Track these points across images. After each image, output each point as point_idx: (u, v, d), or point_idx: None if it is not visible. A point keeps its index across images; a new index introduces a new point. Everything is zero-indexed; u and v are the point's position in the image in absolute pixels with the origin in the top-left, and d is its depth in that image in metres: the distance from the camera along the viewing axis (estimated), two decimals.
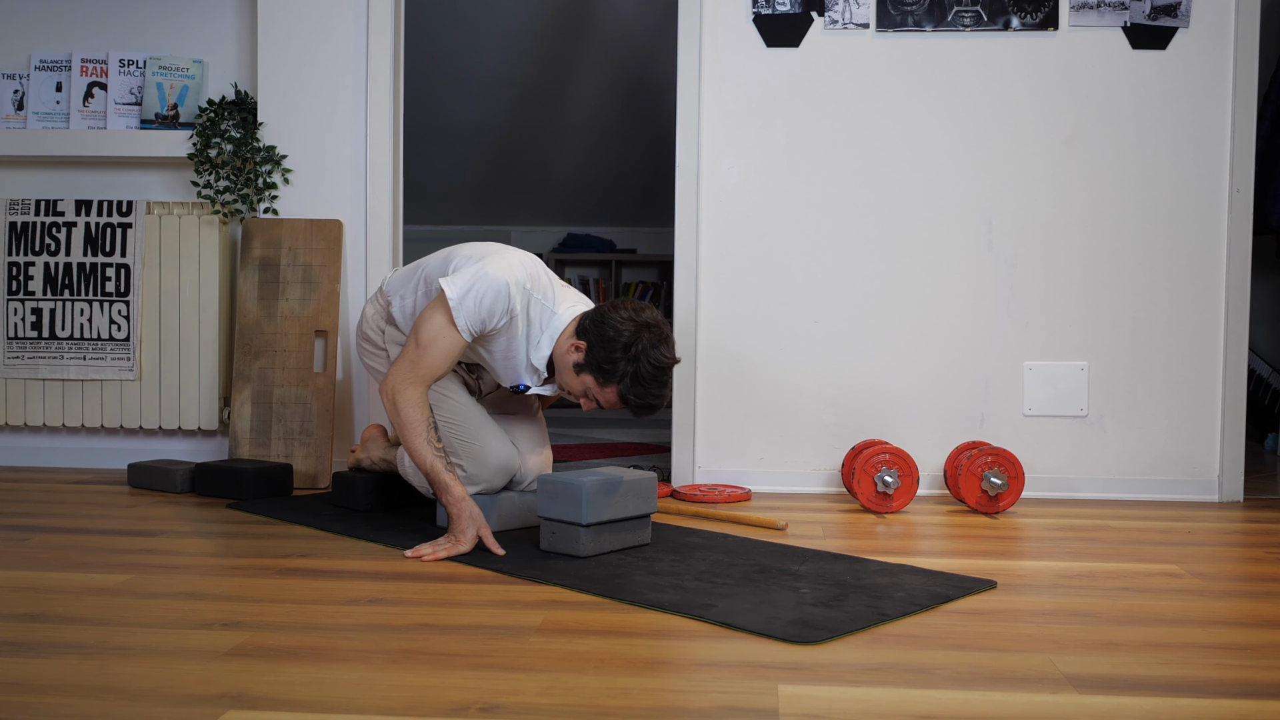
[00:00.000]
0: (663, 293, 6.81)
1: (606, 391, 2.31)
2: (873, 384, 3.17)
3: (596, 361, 2.29)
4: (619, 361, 2.26)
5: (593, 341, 2.30)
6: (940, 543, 2.48)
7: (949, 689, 1.46)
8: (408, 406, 2.32)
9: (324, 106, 3.29)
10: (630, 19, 5.49)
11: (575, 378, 2.35)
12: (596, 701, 1.40)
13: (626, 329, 2.27)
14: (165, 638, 1.65)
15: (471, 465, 2.45)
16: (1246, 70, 3.05)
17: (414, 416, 2.32)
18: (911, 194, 3.15)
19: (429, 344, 2.32)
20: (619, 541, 2.29)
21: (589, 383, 2.33)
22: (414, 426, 2.32)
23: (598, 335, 2.29)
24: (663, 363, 2.27)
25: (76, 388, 3.37)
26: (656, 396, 2.29)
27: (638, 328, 2.27)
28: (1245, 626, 1.80)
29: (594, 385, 2.32)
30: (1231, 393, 3.08)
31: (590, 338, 2.31)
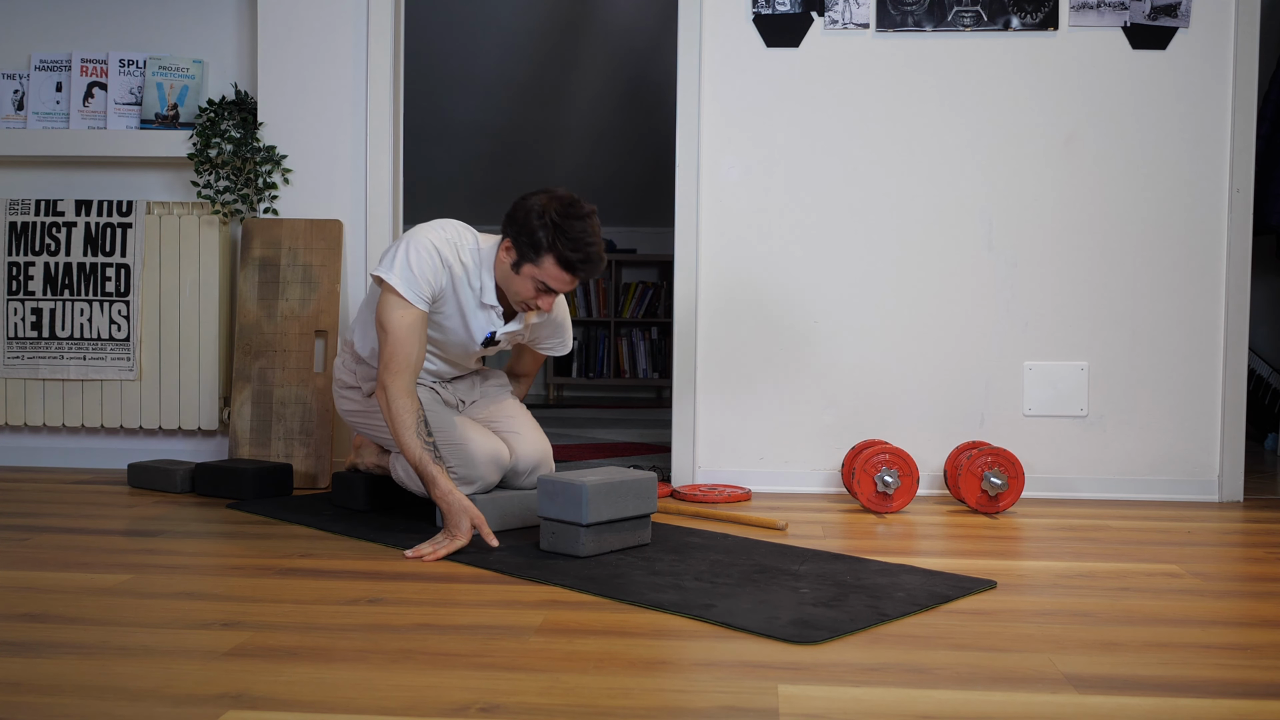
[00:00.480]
0: (662, 293, 6.81)
1: (547, 267, 2.35)
2: (873, 384, 3.17)
3: (524, 241, 2.36)
4: (539, 230, 2.33)
5: (514, 231, 2.38)
6: (940, 543, 2.48)
7: (949, 689, 1.46)
8: (395, 399, 2.36)
9: (324, 106, 3.29)
10: (630, 19, 5.49)
11: (519, 277, 2.40)
12: (596, 701, 1.40)
13: (535, 202, 2.36)
14: (165, 638, 1.65)
15: (461, 466, 2.46)
16: (1246, 70, 3.05)
17: (402, 408, 2.35)
18: (911, 194, 3.15)
19: (392, 328, 2.36)
20: (619, 541, 2.29)
21: (531, 272, 2.38)
22: (402, 420, 2.35)
23: (514, 223, 2.37)
24: (580, 212, 2.35)
25: (76, 388, 3.37)
26: (590, 244, 2.34)
27: (546, 198, 2.36)
28: (1245, 626, 1.80)
29: (536, 271, 2.37)
30: (1231, 393, 3.09)
31: (511, 230, 2.38)
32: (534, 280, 2.38)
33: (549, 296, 2.42)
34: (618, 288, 6.82)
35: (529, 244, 2.35)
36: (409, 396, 2.35)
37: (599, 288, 6.85)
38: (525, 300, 2.44)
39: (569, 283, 2.39)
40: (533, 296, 2.41)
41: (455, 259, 2.43)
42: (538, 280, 2.38)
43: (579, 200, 2.39)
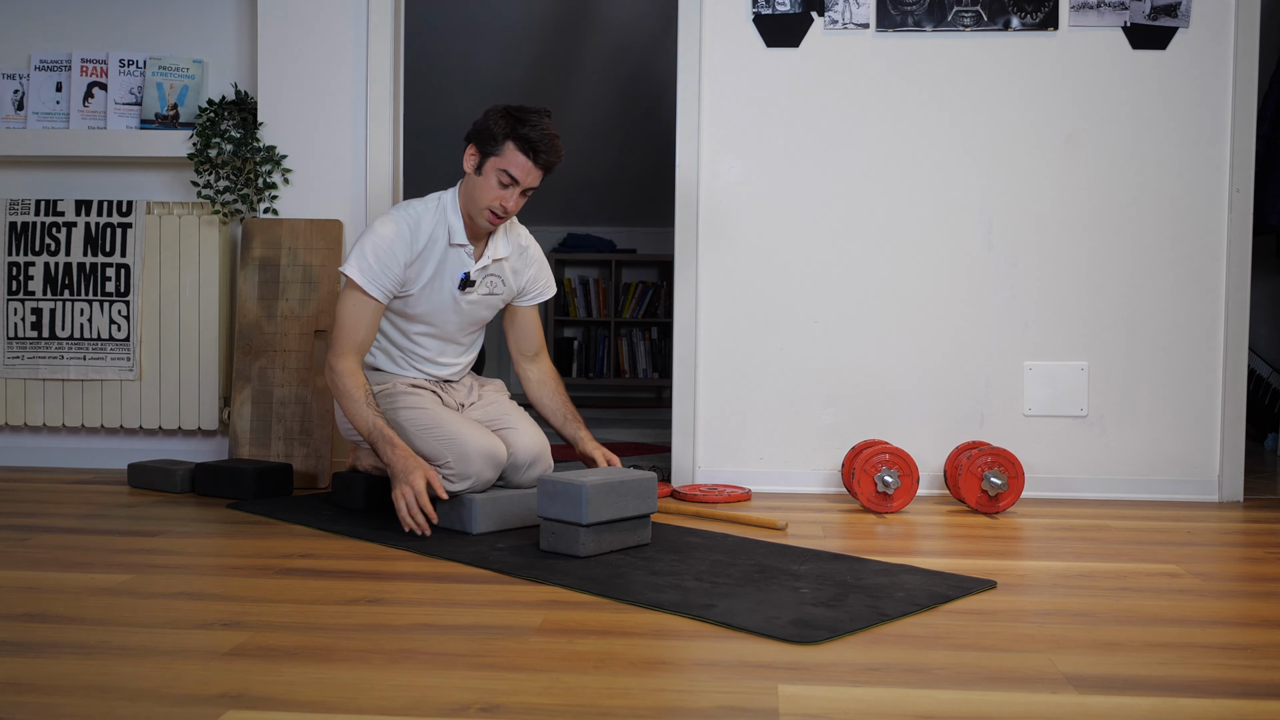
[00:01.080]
0: (663, 293, 6.81)
1: (508, 154, 2.48)
2: (873, 384, 3.17)
3: (482, 140, 2.51)
4: (495, 124, 2.48)
5: (474, 135, 2.53)
6: (940, 543, 2.48)
7: (949, 689, 1.46)
8: (342, 377, 2.50)
9: (324, 106, 3.29)
10: (630, 19, 5.49)
11: (483, 179, 2.52)
12: (596, 701, 1.40)
13: (491, 109, 2.53)
14: (165, 638, 1.65)
15: (457, 462, 2.47)
16: (1246, 70, 3.05)
17: (348, 385, 2.48)
18: (911, 194, 3.15)
19: (343, 314, 2.55)
20: (619, 541, 2.29)
21: (494, 165, 2.50)
22: (350, 394, 2.48)
23: (474, 129, 2.53)
24: (532, 108, 2.50)
25: (76, 388, 3.37)
26: (545, 129, 2.48)
27: (500, 104, 2.53)
28: (1245, 626, 1.80)
29: (498, 162, 2.49)
30: (1231, 393, 3.08)
31: (472, 135, 2.54)
32: (497, 173, 2.50)
33: (513, 190, 2.52)
34: (618, 288, 6.82)
35: (489, 138, 2.49)
36: (355, 374, 2.50)
37: (599, 288, 6.85)
38: (489, 204, 2.53)
39: (531, 170, 2.50)
40: (498, 195, 2.52)
41: (415, 222, 2.58)
42: (500, 172, 2.49)
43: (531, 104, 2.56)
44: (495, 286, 2.70)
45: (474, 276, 2.63)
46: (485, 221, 2.57)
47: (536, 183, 2.53)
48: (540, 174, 2.53)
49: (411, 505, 2.38)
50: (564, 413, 2.79)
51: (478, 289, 2.66)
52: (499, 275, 2.70)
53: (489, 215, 2.55)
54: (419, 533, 2.38)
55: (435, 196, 2.65)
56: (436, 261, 2.60)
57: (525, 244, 2.78)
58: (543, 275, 2.82)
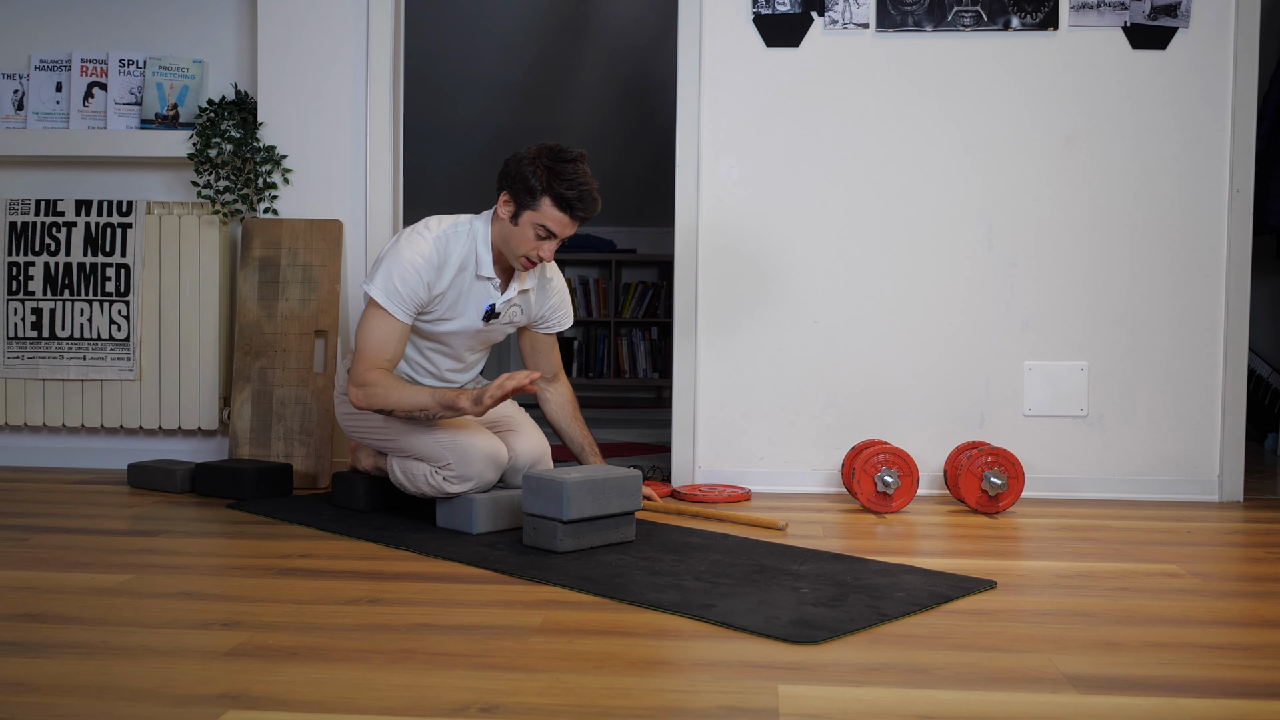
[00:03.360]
0: (663, 293, 6.81)
1: (545, 209, 2.41)
2: (873, 384, 3.17)
3: (519, 191, 2.42)
4: (532, 176, 2.40)
5: (509, 184, 2.44)
6: (940, 543, 2.48)
7: (949, 689, 1.46)
8: (375, 387, 2.43)
9: (324, 106, 3.29)
10: (630, 19, 5.49)
11: (518, 228, 2.45)
12: (596, 701, 1.40)
13: (525, 153, 2.45)
14: (165, 638, 1.65)
15: (459, 463, 2.46)
16: (1246, 70, 3.05)
17: (384, 381, 2.43)
18: (911, 194, 3.15)
19: (366, 334, 2.46)
20: (600, 538, 2.29)
21: (530, 219, 2.43)
22: (392, 390, 2.42)
23: (509, 176, 2.45)
24: (569, 155, 2.42)
25: (76, 388, 3.37)
26: (583, 184, 2.41)
27: (535, 149, 2.44)
28: (1245, 626, 1.80)
29: (535, 216, 2.42)
30: (1231, 393, 3.08)
31: (506, 183, 2.45)
32: (534, 227, 2.43)
33: (550, 243, 2.46)
34: (618, 288, 6.82)
35: (525, 191, 2.41)
36: (385, 376, 2.44)
37: (599, 288, 6.85)
38: (526, 253, 2.48)
39: (568, 224, 2.44)
40: (534, 246, 2.46)
41: (445, 249, 2.50)
42: (538, 226, 2.43)
43: (567, 147, 2.47)
44: (515, 316, 2.65)
45: (499, 309, 2.58)
46: (520, 267, 2.52)
47: (573, 231, 2.50)
48: (577, 225, 2.47)
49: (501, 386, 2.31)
50: (582, 444, 2.78)
51: (500, 319, 2.62)
52: (521, 305, 2.66)
53: (525, 263, 2.50)
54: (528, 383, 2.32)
55: (467, 221, 2.55)
56: (463, 290, 2.54)
57: (550, 275, 2.73)
58: (563, 306, 2.76)
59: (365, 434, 2.67)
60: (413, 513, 2.71)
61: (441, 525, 2.53)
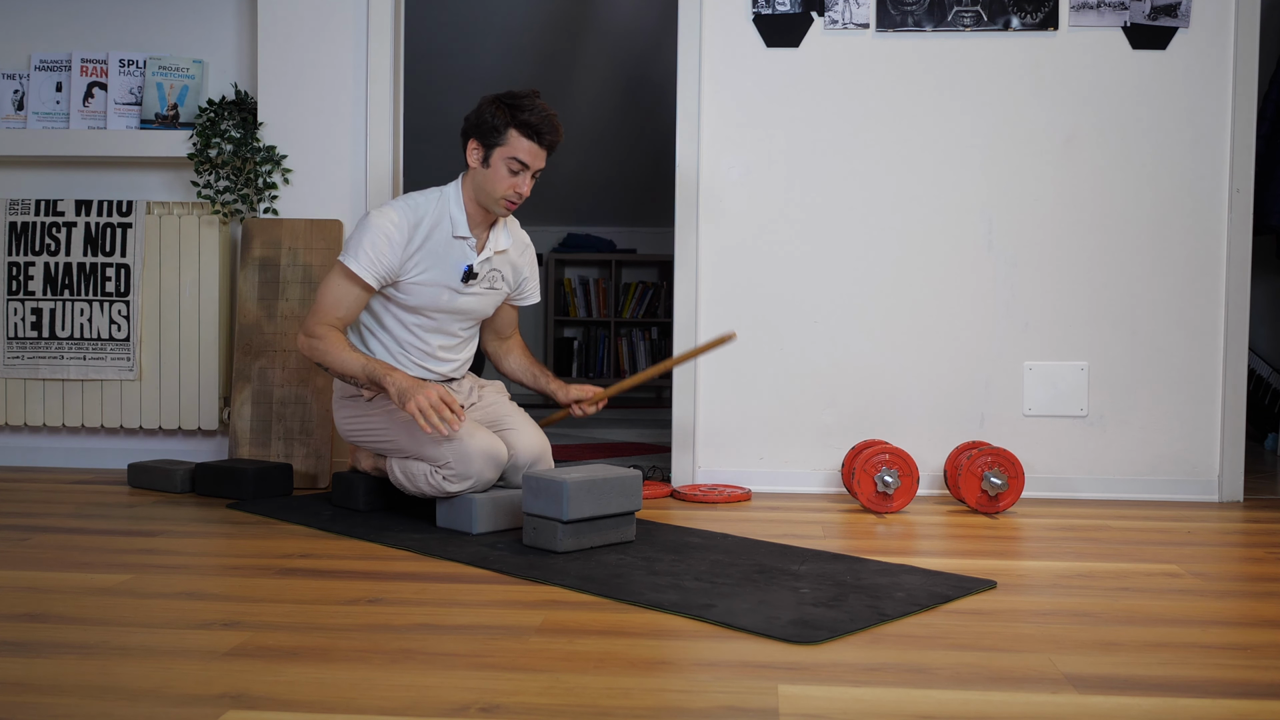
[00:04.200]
0: (663, 293, 6.81)
1: (513, 141, 2.52)
2: (873, 384, 3.17)
3: (484, 133, 2.54)
4: (493, 116, 2.53)
5: (474, 131, 2.56)
6: (940, 543, 2.48)
7: (949, 689, 1.46)
8: (317, 340, 2.54)
9: (324, 106, 3.29)
10: (630, 19, 5.49)
11: (491, 170, 2.57)
12: (596, 701, 1.40)
13: (480, 102, 2.58)
14: (165, 638, 1.65)
15: (457, 461, 2.46)
16: (1246, 70, 3.05)
17: (328, 338, 2.54)
18: (911, 194, 3.15)
19: (322, 293, 2.58)
20: (600, 539, 2.29)
21: (501, 155, 2.54)
22: (332, 345, 2.53)
23: (471, 125, 2.57)
24: (523, 91, 2.56)
25: (76, 388, 3.37)
26: (542, 110, 2.53)
27: (488, 95, 2.59)
28: (1245, 626, 1.80)
29: (505, 151, 2.53)
30: (1231, 393, 3.08)
31: (471, 132, 2.57)
32: (506, 162, 2.54)
33: (524, 177, 2.56)
34: (618, 288, 6.82)
35: (490, 130, 2.53)
36: (330, 333, 2.54)
37: (599, 288, 6.85)
38: (504, 194, 2.57)
39: (537, 153, 2.55)
40: (510, 184, 2.55)
41: (415, 213, 2.60)
42: (509, 160, 2.53)
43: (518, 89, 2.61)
44: (496, 281, 2.72)
45: (477, 269, 2.65)
46: (502, 210, 2.61)
47: (544, 163, 2.59)
48: (546, 154, 2.58)
49: (433, 406, 2.38)
50: (532, 371, 2.89)
51: (480, 282, 2.68)
52: (500, 270, 2.73)
53: (505, 204, 2.59)
54: (445, 430, 2.38)
55: (436, 190, 2.66)
56: (439, 254, 2.61)
57: (526, 242, 2.83)
58: (535, 279, 2.88)
59: (364, 438, 2.68)
60: (413, 513, 2.71)
61: (441, 525, 2.53)
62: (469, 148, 2.59)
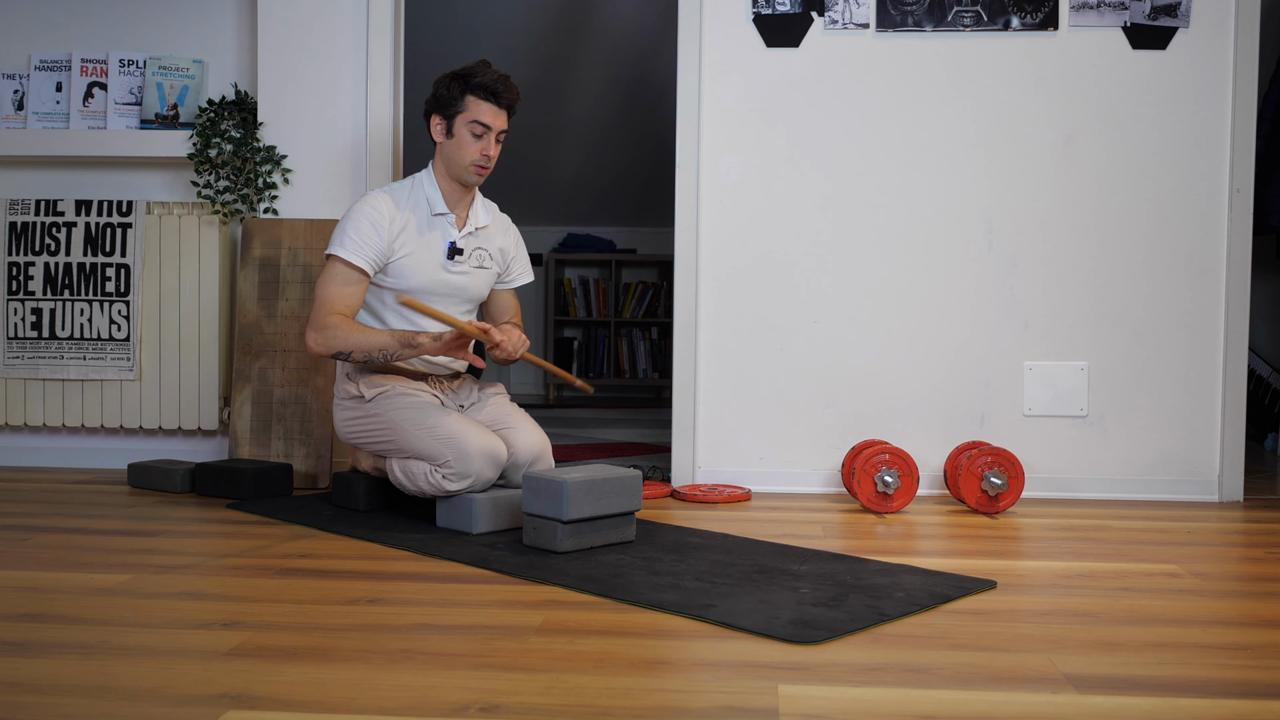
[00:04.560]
0: (663, 293, 6.81)
1: (471, 105, 2.61)
2: (873, 384, 3.17)
3: (442, 105, 2.63)
4: (447, 88, 2.62)
5: (433, 107, 2.65)
6: (940, 543, 2.48)
7: (949, 689, 1.46)
8: (331, 329, 2.54)
9: (324, 106, 3.29)
10: (630, 19, 5.49)
11: (457, 140, 2.63)
12: (596, 701, 1.40)
13: (438, 79, 2.66)
14: (165, 638, 1.65)
15: (457, 460, 2.46)
16: (1246, 70, 3.05)
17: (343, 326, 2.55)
18: (911, 194, 3.15)
19: (321, 287, 2.59)
20: (601, 539, 2.29)
21: (461, 123, 2.61)
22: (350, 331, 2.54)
23: (428, 103, 2.66)
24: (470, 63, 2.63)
25: (76, 388, 3.37)
26: (492, 72, 2.62)
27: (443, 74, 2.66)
28: (1245, 626, 1.80)
29: (465, 118, 2.61)
30: (1231, 393, 3.08)
31: (431, 108, 2.66)
32: (468, 126, 2.61)
33: (489, 139, 2.63)
34: (618, 288, 6.82)
35: (448, 102, 2.62)
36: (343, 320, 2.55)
37: (599, 288, 6.85)
38: (473, 160, 2.63)
39: (497, 114, 2.63)
40: (477, 148, 2.62)
41: (393, 197, 2.65)
42: (471, 124, 2.61)
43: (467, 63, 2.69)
44: (484, 259, 2.77)
45: (461, 245, 2.70)
46: (474, 176, 2.67)
47: (505, 125, 2.66)
48: (506, 115, 2.66)
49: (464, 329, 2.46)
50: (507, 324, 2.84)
51: (468, 260, 2.73)
52: (485, 247, 2.78)
53: (475, 170, 2.65)
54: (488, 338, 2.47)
55: (407, 178, 2.74)
56: (420, 233, 2.67)
57: (507, 222, 2.89)
58: (523, 258, 2.93)
59: (364, 439, 2.68)
60: (413, 513, 2.71)
61: (441, 525, 2.53)
62: (432, 124, 2.67)
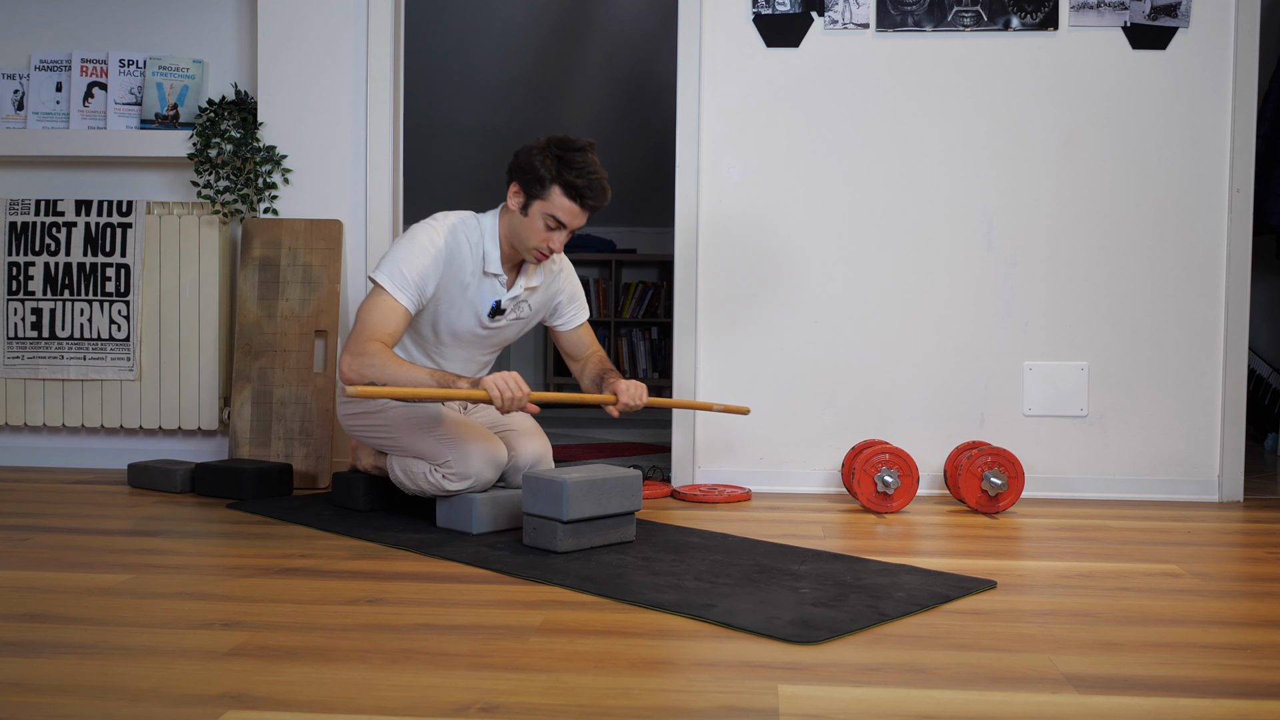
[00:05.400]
0: (662, 293, 6.81)
1: (555, 199, 2.41)
2: (873, 384, 3.17)
3: (528, 181, 2.42)
4: (541, 165, 2.40)
5: (519, 175, 2.44)
6: (940, 543, 2.48)
7: (949, 689, 1.46)
8: (371, 357, 2.35)
9: (324, 106, 3.29)
10: (630, 19, 5.49)
11: (528, 219, 2.44)
12: (596, 701, 1.40)
13: (534, 144, 2.45)
14: (165, 638, 1.65)
15: (457, 460, 2.46)
16: (1246, 70, 3.05)
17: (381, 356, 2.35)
18: (911, 194, 3.15)
19: (366, 314, 2.43)
20: (600, 539, 2.29)
21: (540, 209, 2.42)
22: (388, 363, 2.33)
23: (518, 167, 2.44)
24: (578, 144, 2.41)
25: (76, 388, 3.37)
26: (592, 172, 2.40)
27: (544, 140, 2.44)
28: (1245, 626, 1.80)
29: (545, 206, 2.41)
30: (1231, 393, 3.08)
31: (516, 174, 2.45)
32: (543, 217, 2.42)
33: (560, 234, 2.46)
34: (618, 288, 6.82)
35: (534, 180, 2.41)
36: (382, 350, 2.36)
37: (599, 288, 6.85)
38: (537, 245, 2.47)
39: (578, 214, 2.44)
40: (544, 238, 2.45)
41: (455, 241, 2.49)
42: (547, 216, 2.42)
43: (575, 137, 2.46)
44: (523, 311, 2.65)
45: (504, 305, 2.59)
46: (532, 259, 2.51)
47: (583, 223, 2.49)
48: (587, 216, 2.47)
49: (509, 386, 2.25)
50: (599, 372, 2.69)
51: (506, 315, 2.62)
52: (529, 301, 2.65)
53: (536, 255, 2.49)
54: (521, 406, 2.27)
55: (474, 218, 2.55)
56: (468, 286, 2.54)
57: (559, 268, 2.73)
58: (577, 297, 2.77)
59: (366, 433, 2.67)
60: (413, 513, 2.71)
61: (441, 525, 2.53)
62: (511, 189, 2.47)
